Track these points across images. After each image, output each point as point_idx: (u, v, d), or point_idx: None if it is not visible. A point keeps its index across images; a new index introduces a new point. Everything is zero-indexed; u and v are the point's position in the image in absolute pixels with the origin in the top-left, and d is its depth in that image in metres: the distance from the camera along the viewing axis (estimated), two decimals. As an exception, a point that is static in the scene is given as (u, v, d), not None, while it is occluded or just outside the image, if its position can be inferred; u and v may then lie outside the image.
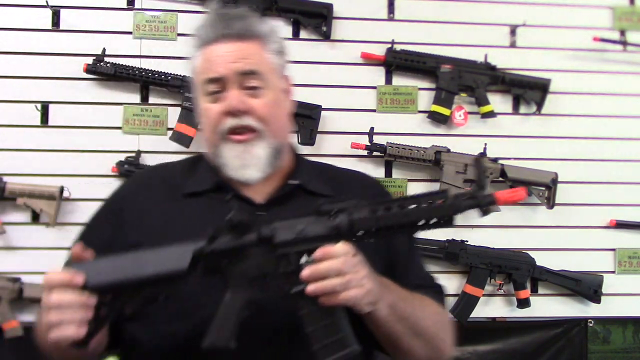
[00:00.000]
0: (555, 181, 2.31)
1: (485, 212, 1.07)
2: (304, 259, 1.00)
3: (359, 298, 0.98)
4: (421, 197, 1.02)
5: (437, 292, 1.29)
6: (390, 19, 2.37)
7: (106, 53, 2.19)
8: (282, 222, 1.02)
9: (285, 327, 1.08)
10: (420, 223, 1.01)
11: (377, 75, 2.35)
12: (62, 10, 2.24)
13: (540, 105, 2.38)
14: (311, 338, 0.98)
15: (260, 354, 1.10)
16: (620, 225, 2.39)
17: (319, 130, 2.24)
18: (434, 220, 1.01)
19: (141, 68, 2.20)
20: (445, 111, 2.32)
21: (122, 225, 1.21)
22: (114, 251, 1.14)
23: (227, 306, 1.01)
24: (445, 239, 2.28)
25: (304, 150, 2.10)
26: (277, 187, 1.23)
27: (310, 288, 0.96)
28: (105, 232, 1.22)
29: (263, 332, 1.09)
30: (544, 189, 2.31)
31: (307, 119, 2.21)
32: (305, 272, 0.97)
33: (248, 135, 1.18)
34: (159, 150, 2.22)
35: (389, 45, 2.31)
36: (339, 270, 0.96)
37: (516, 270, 2.29)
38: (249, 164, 1.18)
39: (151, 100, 2.26)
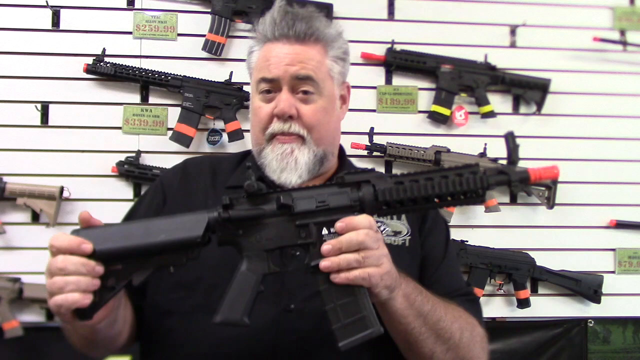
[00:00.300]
0: (555, 181, 2.30)
1: (514, 190, 1.03)
2: (324, 232, 0.95)
3: (376, 278, 0.93)
4: (449, 170, 0.98)
5: (470, 301, 1.22)
6: (390, 19, 2.37)
7: (106, 53, 2.19)
8: (302, 192, 0.98)
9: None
10: (448, 197, 0.97)
11: (377, 75, 2.35)
12: (62, 10, 2.24)
13: (540, 105, 2.38)
14: (330, 316, 0.93)
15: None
16: (620, 225, 2.39)
17: (319, 130, 2.25)
18: (462, 195, 0.97)
19: (141, 68, 2.20)
20: (445, 111, 2.32)
21: (165, 202, 1.24)
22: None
23: (242, 280, 0.95)
24: (445, 239, 2.28)
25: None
26: None
27: (324, 263, 0.92)
28: (156, 200, 1.25)
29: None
30: (544, 189, 2.30)
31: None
32: (326, 247, 0.92)
33: (292, 138, 1.18)
34: (159, 150, 2.22)
35: (389, 45, 2.31)
36: (360, 243, 0.92)
37: (516, 270, 2.29)
38: (289, 168, 1.18)
39: (151, 100, 2.26)
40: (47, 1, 2.19)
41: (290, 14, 1.20)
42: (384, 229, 1.21)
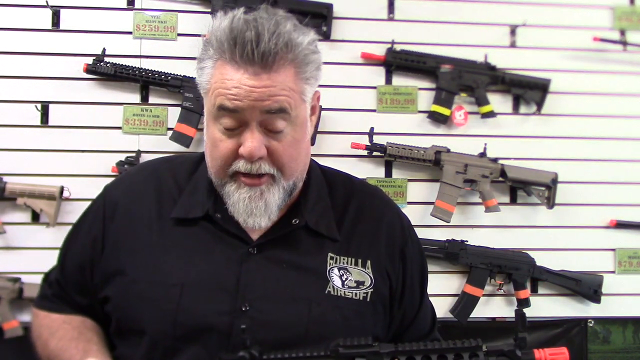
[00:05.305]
0: (555, 181, 2.31)
1: None
2: None
3: None
4: (449, 350, 0.98)
5: None
6: (390, 19, 2.37)
7: (106, 53, 2.19)
8: None
9: None
10: None
11: (377, 75, 2.35)
12: (62, 10, 2.24)
13: (540, 105, 2.38)
14: None
15: None
16: (620, 225, 2.39)
17: (319, 130, 2.24)
18: None
19: (141, 68, 2.20)
20: (445, 111, 2.32)
21: (103, 249, 1.15)
22: (94, 276, 1.14)
23: None
24: (445, 239, 2.28)
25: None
26: (278, 221, 1.12)
27: None
28: (84, 255, 1.17)
29: None
30: (544, 189, 2.31)
31: (307, 119, 2.21)
32: None
33: (260, 180, 1.05)
34: (159, 150, 2.22)
35: (389, 45, 2.31)
36: None
37: (516, 270, 2.29)
38: (257, 212, 1.06)
39: (151, 100, 2.26)
40: (47, 1, 2.19)
41: (252, 26, 0.99)
42: (347, 278, 1.12)
